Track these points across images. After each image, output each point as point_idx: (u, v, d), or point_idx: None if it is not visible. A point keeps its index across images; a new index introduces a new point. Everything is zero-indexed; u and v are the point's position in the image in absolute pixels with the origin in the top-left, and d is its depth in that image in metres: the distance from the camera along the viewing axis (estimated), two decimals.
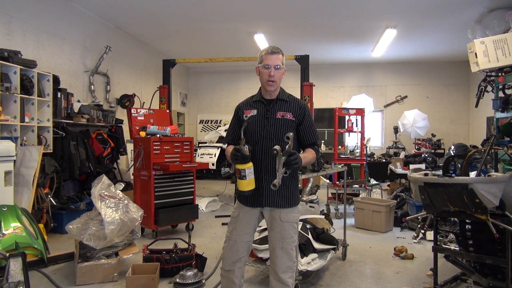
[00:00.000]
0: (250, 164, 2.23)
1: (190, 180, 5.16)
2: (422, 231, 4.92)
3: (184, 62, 8.56)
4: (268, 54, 2.32)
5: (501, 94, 5.51)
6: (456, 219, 4.46)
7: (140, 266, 3.44)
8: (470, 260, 3.11)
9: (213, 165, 7.22)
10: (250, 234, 2.45)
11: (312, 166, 3.43)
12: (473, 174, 3.29)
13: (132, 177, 5.47)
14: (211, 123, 12.39)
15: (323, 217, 4.06)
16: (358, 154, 7.34)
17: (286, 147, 2.11)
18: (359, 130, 7.17)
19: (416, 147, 8.98)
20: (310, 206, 4.26)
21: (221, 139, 8.48)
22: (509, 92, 5.45)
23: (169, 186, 4.93)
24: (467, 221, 3.14)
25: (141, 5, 6.72)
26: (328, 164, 3.75)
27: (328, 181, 6.99)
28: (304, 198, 5.00)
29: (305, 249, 3.29)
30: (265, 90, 2.41)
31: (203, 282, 3.38)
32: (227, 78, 12.36)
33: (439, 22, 7.48)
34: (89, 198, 5.33)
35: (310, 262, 3.25)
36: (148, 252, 3.62)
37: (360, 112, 7.10)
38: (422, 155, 6.90)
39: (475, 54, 5.22)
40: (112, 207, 3.55)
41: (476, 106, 6.03)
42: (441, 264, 3.35)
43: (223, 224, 5.61)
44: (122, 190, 3.99)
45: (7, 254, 2.74)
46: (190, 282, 3.28)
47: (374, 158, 9.82)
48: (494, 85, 5.66)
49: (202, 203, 6.69)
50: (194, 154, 6.67)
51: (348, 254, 4.14)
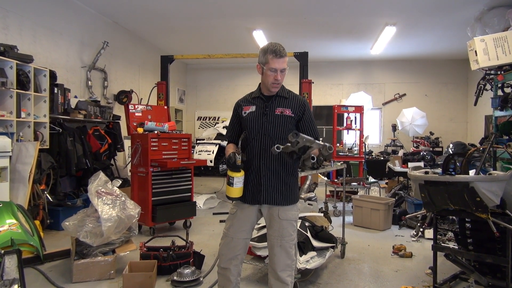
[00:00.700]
0: (241, 173, 2.24)
1: (188, 177, 5.13)
2: (421, 229, 4.91)
3: (182, 58, 8.51)
4: (276, 58, 2.24)
5: (500, 93, 5.50)
6: (454, 218, 4.46)
7: (137, 263, 3.41)
8: (470, 259, 3.09)
9: (211, 162, 7.20)
10: (248, 232, 2.42)
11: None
12: (472, 173, 3.27)
13: (129, 173, 5.44)
14: (209, 120, 12.34)
15: (322, 215, 4.04)
16: (356, 152, 7.30)
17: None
18: (358, 127, 7.14)
19: (414, 145, 8.96)
20: (308, 204, 4.24)
21: (219, 136, 8.44)
22: (508, 90, 5.44)
23: (166, 183, 4.89)
24: (467, 219, 3.12)
25: (139, 0, 6.67)
26: (327, 161, 3.72)
27: (326, 178, 6.95)
28: (302, 196, 4.98)
29: (304, 247, 3.26)
30: (265, 88, 2.38)
31: (201, 280, 3.36)
32: (226, 75, 12.30)
33: (439, 20, 7.45)
34: (86, 194, 5.27)
35: (309, 260, 3.22)
36: (145, 249, 3.59)
37: (359, 109, 7.06)
38: (421, 153, 6.88)
39: (475, 52, 5.19)
40: (109, 204, 3.52)
41: (475, 104, 6.00)
42: (439, 262, 3.33)
43: (221, 221, 5.58)
44: (119, 187, 3.96)
45: (2, 251, 2.70)
46: (187, 279, 3.26)
47: (372, 156, 9.81)
48: (493, 83, 5.64)
49: (200, 200, 6.65)
50: (192, 151, 6.63)
51: (346, 252, 4.12)
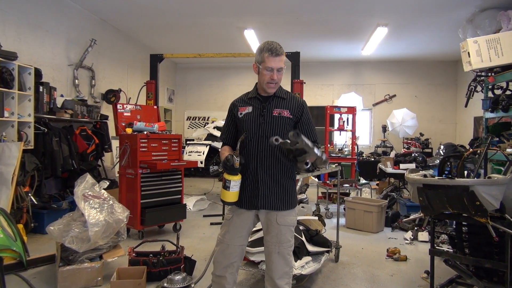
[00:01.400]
0: (238, 177, 2.14)
1: (178, 179, 5.00)
2: (413, 232, 4.88)
3: (172, 57, 8.35)
4: (272, 56, 2.15)
5: (490, 94, 5.51)
6: (447, 220, 4.43)
7: (125, 270, 3.28)
8: (468, 264, 3.05)
9: (201, 163, 7.07)
10: (244, 238, 2.33)
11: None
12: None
13: (117, 174, 5.28)
14: (199, 120, 12.19)
15: (317, 218, 3.96)
16: (347, 153, 7.26)
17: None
18: (350, 129, 7.09)
19: (405, 146, 8.97)
20: (302, 207, 4.16)
21: (210, 137, 8.31)
22: (498, 92, 5.45)
23: (156, 185, 4.76)
24: (464, 223, 3.08)
25: None
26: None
27: (317, 180, 6.89)
28: None
29: (299, 252, 3.18)
30: (262, 88, 2.29)
31: (192, 286, 3.24)
32: (216, 74, 12.17)
33: (431, 21, 7.45)
34: (72, 196, 5.11)
35: (304, 266, 3.14)
36: (134, 254, 3.46)
37: (351, 110, 7.01)
38: (412, 155, 6.87)
39: (468, 53, 5.19)
40: (96, 208, 3.38)
41: (465, 106, 6.01)
42: (434, 265, 3.28)
43: (212, 224, 5.47)
44: (106, 188, 3.85)
45: None
46: (178, 286, 3.13)
47: (363, 157, 9.80)
48: (484, 85, 5.65)
49: (190, 202, 6.52)
50: (182, 152, 6.50)
51: (340, 255, 4.04)
